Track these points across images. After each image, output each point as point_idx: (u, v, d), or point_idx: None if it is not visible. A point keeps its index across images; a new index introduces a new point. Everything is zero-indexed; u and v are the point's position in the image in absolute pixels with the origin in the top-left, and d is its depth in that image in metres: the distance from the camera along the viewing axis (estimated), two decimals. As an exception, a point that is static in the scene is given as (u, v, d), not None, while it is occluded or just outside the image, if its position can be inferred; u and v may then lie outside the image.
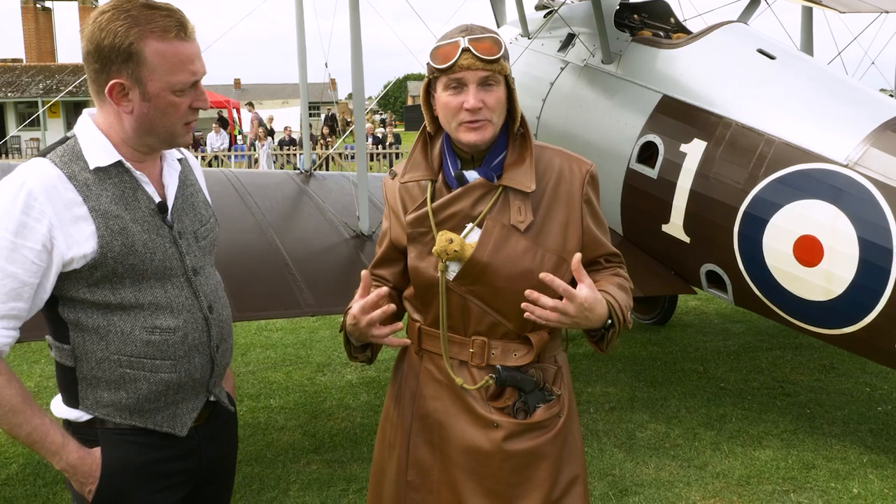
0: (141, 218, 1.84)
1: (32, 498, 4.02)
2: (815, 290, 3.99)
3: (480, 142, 1.98)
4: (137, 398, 1.85)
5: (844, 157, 3.93)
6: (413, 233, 2.07)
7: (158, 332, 1.84)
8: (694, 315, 7.39)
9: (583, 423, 4.75)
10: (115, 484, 1.85)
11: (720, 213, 4.36)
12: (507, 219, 2.01)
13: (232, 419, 2.14)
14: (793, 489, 3.99)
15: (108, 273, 1.79)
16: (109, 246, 1.78)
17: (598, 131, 5.15)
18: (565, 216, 2.05)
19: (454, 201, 2.04)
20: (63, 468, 1.83)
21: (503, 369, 2.04)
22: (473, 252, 2.00)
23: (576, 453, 2.14)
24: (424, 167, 2.10)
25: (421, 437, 2.14)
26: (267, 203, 4.51)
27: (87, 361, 1.83)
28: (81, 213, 1.77)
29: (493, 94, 1.94)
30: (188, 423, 1.94)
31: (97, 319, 1.81)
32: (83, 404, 1.85)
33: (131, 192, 1.85)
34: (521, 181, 2.01)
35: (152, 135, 1.85)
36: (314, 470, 4.29)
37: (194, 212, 1.98)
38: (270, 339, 6.92)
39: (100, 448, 1.85)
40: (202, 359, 1.92)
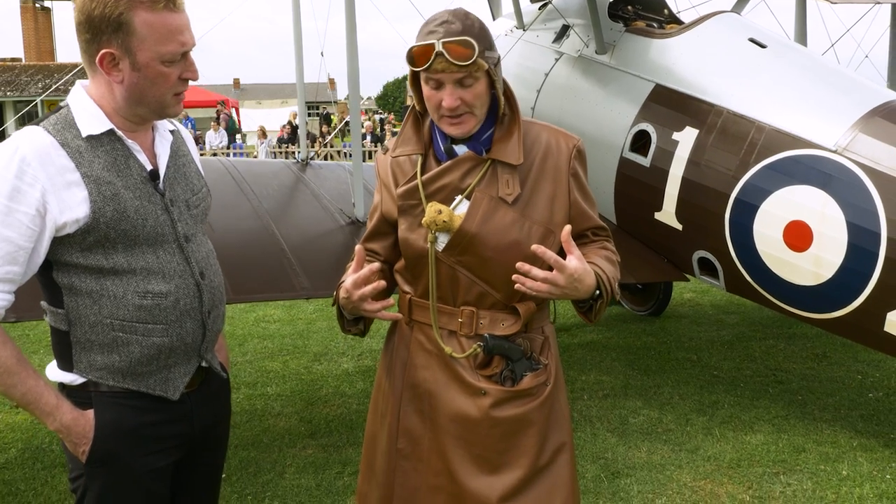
0: (133, 185, 1.89)
1: (31, 481, 4.06)
2: (805, 275, 4.04)
3: (462, 134, 2.04)
4: (130, 361, 1.89)
5: (833, 143, 3.98)
6: (403, 205, 2.12)
7: (150, 297, 1.89)
8: (689, 307, 7.44)
9: (576, 410, 4.83)
10: (108, 445, 1.89)
11: (712, 200, 4.41)
12: (496, 191, 2.05)
13: (225, 386, 2.18)
14: (783, 471, 4.03)
15: (100, 238, 1.84)
16: (101, 211, 1.82)
17: (591, 121, 5.19)
18: (552, 189, 2.10)
19: (443, 174, 2.08)
20: (57, 429, 1.87)
21: (491, 338, 2.09)
22: (462, 223, 2.04)
23: (563, 421, 2.19)
24: (415, 142, 2.14)
25: (411, 405, 2.18)
26: (263, 190, 4.55)
27: (80, 325, 1.87)
28: (74, 178, 1.81)
29: (471, 91, 1.97)
30: (180, 387, 1.98)
31: (90, 284, 1.85)
32: (77, 367, 1.90)
33: (123, 159, 1.89)
34: (509, 154, 2.06)
35: (143, 104, 1.89)
36: (310, 454, 4.33)
37: (186, 181, 2.03)
38: (268, 329, 6.96)
39: (93, 410, 1.90)
40: (194, 324, 1.97)
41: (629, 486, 3.89)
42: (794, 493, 3.81)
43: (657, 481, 3.94)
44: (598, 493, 3.82)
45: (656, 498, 3.78)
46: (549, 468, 2.14)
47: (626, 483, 3.92)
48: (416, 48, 1.96)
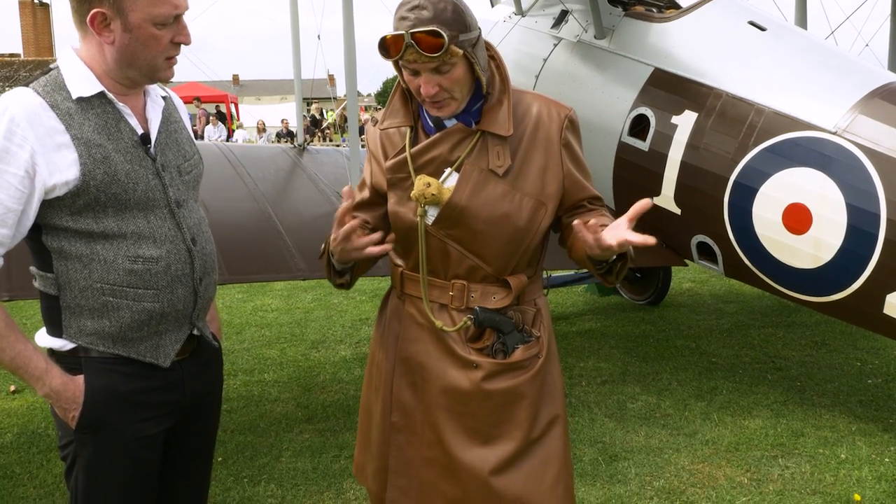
0: (123, 148, 1.86)
1: (27, 464, 4.04)
2: (804, 258, 4.02)
3: (445, 117, 2.02)
4: (120, 327, 1.87)
5: (833, 125, 3.95)
6: (392, 178, 2.09)
7: (141, 262, 1.87)
8: (687, 296, 7.42)
9: (574, 396, 4.81)
10: (98, 411, 1.87)
11: (711, 184, 4.38)
12: (486, 163, 2.02)
13: (217, 356, 2.16)
14: (781, 455, 4.01)
15: (90, 201, 1.81)
16: (92, 174, 1.80)
17: (590, 106, 5.16)
18: (544, 160, 2.06)
19: (432, 146, 2.05)
20: (46, 394, 1.86)
21: (481, 311, 2.07)
22: (451, 196, 2.02)
23: (556, 394, 2.17)
24: (404, 114, 2.11)
25: (404, 379, 2.17)
26: (260, 174, 4.54)
27: (70, 290, 1.85)
28: (63, 140, 1.79)
29: (448, 77, 1.94)
30: (171, 354, 1.96)
31: (80, 248, 1.84)
32: (67, 333, 1.88)
33: (114, 122, 1.87)
34: (499, 125, 2.02)
35: (133, 67, 1.87)
36: (306, 438, 4.32)
37: (178, 147, 2.01)
38: (266, 318, 6.95)
39: (83, 375, 1.88)
40: (185, 290, 1.95)
41: (627, 469, 3.87)
42: (793, 475, 3.80)
43: (655, 464, 3.92)
44: (595, 476, 3.80)
45: (654, 480, 3.76)
46: (541, 440, 2.12)
47: (624, 466, 3.91)
48: (387, 38, 1.90)
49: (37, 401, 4.94)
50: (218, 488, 3.71)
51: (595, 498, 3.59)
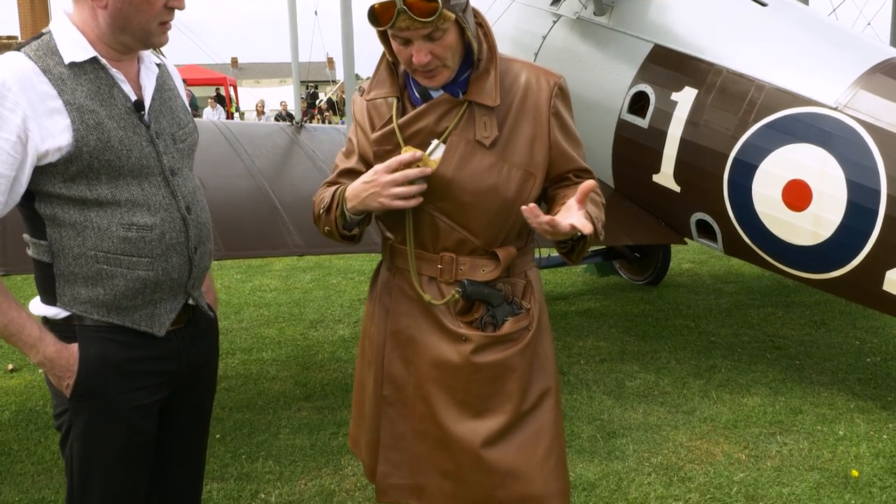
0: (117, 115, 1.84)
1: (24, 441, 4.04)
2: (804, 235, 4.00)
3: (436, 86, 1.97)
4: (115, 295, 1.86)
5: (834, 101, 3.93)
6: (379, 150, 2.05)
7: (135, 230, 1.85)
8: (687, 276, 7.41)
9: (573, 374, 4.81)
10: (92, 379, 1.86)
11: (710, 161, 4.36)
12: (472, 134, 1.98)
13: (213, 326, 2.15)
14: (779, 432, 4.01)
15: (83, 168, 1.79)
16: (85, 140, 1.78)
17: (590, 84, 5.13)
18: (532, 130, 2.02)
19: (419, 118, 2.02)
20: (40, 361, 1.84)
21: (469, 283, 2.04)
22: (437, 168, 1.98)
23: (547, 366, 2.15)
24: (390, 84, 2.07)
25: (395, 352, 2.15)
26: (257, 151, 4.51)
27: (63, 257, 1.83)
28: (56, 105, 1.76)
29: (441, 44, 1.89)
30: (166, 323, 1.94)
31: (74, 215, 1.82)
32: (61, 301, 1.86)
33: (107, 88, 1.84)
34: (486, 96, 1.98)
35: (127, 32, 1.83)
36: (304, 416, 4.31)
37: (172, 115, 1.98)
38: (264, 298, 6.94)
39: (77, 343, 1.86)
40: (180, 259, 1.93)
41: (625, 446, 3.87)
42: (791, 452, 3.80)
43: (653, 441, 3.92)
44: (593, 453, 3.80)
45: (652, 457, 3.76)
46: (533, 413, 2.11)
47: (622, 443, 3.91)
48: (376, 6, 1.85)
49: (34, 379, 4.94)
50: (216, 464, 3.71)
51: (593, 474, 3.59)
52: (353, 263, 8.10)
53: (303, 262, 8.19)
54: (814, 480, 3.52)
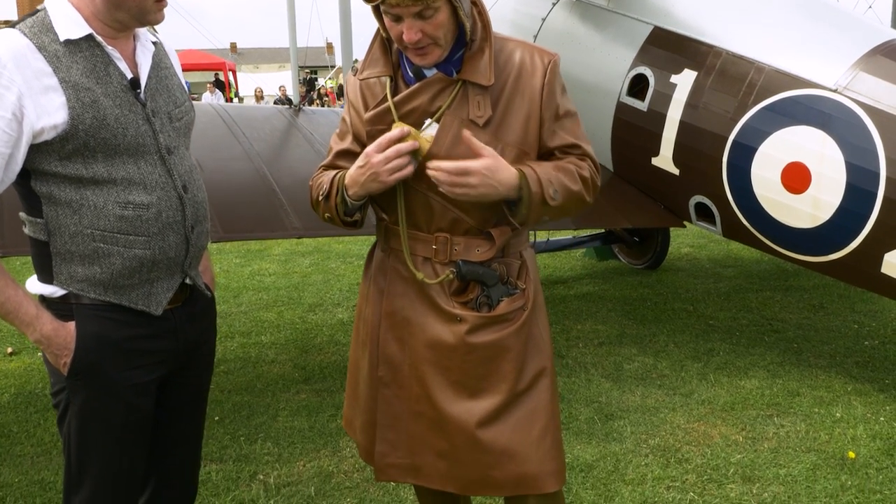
0: (113, 93, 1.83)
1: (24, 423, 4.05)
2: (803, 218, 4.00)
3: (428, 65, 1.96)
4: (111, 273, 1.85)
5: (834, 83, 3.91)
6: (372, 130, 2.04)
7: (132, 208, 1.84)
8: (686, 260, 7.41)
9: (571, 357, 4.82)
10: (90, 357, 1.86)
11: (709, 144, 4.35)
12: (466, 113, 1.97)
13: (210, 306, 2.15)
14: (776, 414, 4.03)
15: (79, 146, 1.78)
16: (80, 118, 1.77)
17: (589, 67, 5.11)
18: (526, 109, 2.01)
19: (412, 97, 2.00)
20: (37, 340, 1.84)
21: (463, 263, 2.04)
22: (430, 147, 1.97)
23: (542, 346, 2.15)
24: (383, 63, 2.05)
25: (390, 333, 2.14)
26: (255, 133, 4.49)
27: (60, 236, 1.83)
28: (51, 83, 1.75)
29: (432, 22, 1.87)
30: (163, 302, 1.94)
31: (70, 193, 1.81)
32: (57, 279, 1.86)
33: (103, 66, 1.83)
34: (480, 75, 1.97)
35: (122, 9, 1.82)
36: (303, 398, 4.33)
37: (168, 93, 1.97)
38: (263, 282, 6.94)
39: (74, 322, 1.86)
40: (177, 237, 1.92)
41: (622, 428, 3.88)
42: (788, 434, 3.81)
43: (650, 423, 3.94)
44: (591, 434, 3.82)
45: (649, 438, 3.77)
46: (528, 393, 2.10)
47: (620, 425, 3.92)
48: None
49: (33, 362, 4.95)
50: (215, 446, 3.73)
51: (590, 455, 3.60)
52: (352, 248, 8.10)
53: (302, 246, 8.19)
54: (810, 462, 3.53)
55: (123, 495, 2.01)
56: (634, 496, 3.27)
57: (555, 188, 1.98)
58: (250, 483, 3.42)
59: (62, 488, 2.16)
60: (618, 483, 3.37)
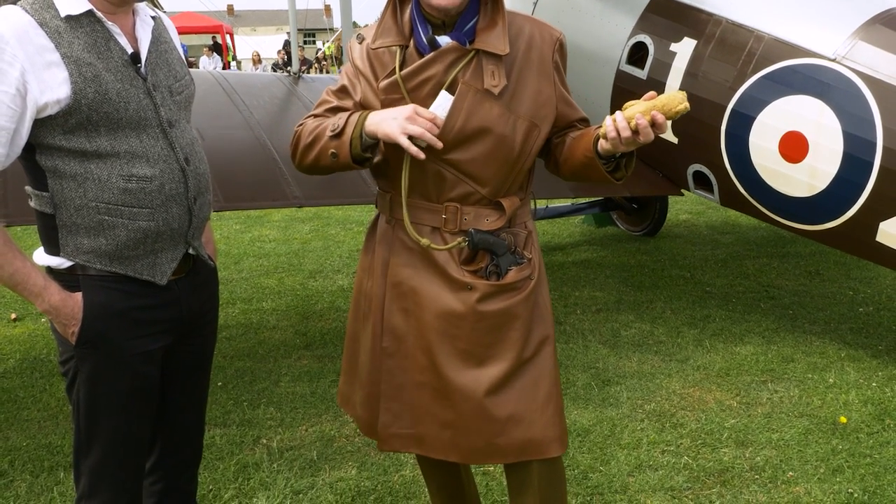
0: (114, 67, 1.85)
1: (30, 388, 4.11)
2: (800, 187, 4.03)
3: (451, 6, 1.95)
4: (116, 245, 1.89)
5: (832, 52, 3.92)
6: (386, 99, 2.04)
7: (135, 181, 1.88)
8: (684, 227, 7.45)
9: (568, 324, 4.87)
10: (97, 326, 1.90)
11: (708, 113, 4.36)
12: (481, 83, 2.00)
13: (213, 275, 2.19)
14: (770, 380, 4.09)
15: (82, 120, 1.81)
16: (83, 92, 1.79)
17: (588, 34, 5.10)
18: (537, 82, 2.05)
19: (426, 66, 2.01)
20: (46, 309, 1.88)
21: (475, 233, 2.07)
22: (447, 117, 1.99)
23: (545, 314, 2.19)
24: (395, 32, 2.06)
25: (395, 304, 2.17)
26: (255, 101, 4.49)
27: (65, 208, 1.86)
28: (54, 58, 1.78)
29: None
30: (168, 272, 1.98)
31: (74, 167, 1.84)
32: (64, 251, 1.90)
33: (104, 41, 1.85)
34: (495, 44, 1.99)
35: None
36: (305, 364, 4.39)
37: (168, 67, 1.99)
38: (264, 248, 6.98)
39: (81, 292, 1.90)
40: (180, 209, 1.96)
41: (619, 393, 3.95)
42: (781, 399, 3.88)
43: (646, 388, 4.00)
44: (588, 400, 3.88)
45: (645, 404, 3.84)
46: (533, 360, 2.15)
47: (616, 390, 3.98)
48: None
49: (38, 328, 5.01)
50: (218, 411, 3.79)
51: (587, 420, 3.67)
52: (352, 214, 8.13)
53: (301, 212, 8.21)
54: (803, 427, 3.60)
55: (131, 459, 2.07)
56: (630, 460, 3.34)
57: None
58: (254, 447, 3.49)
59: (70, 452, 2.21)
60: (613, 447, 3.45)
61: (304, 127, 2.15)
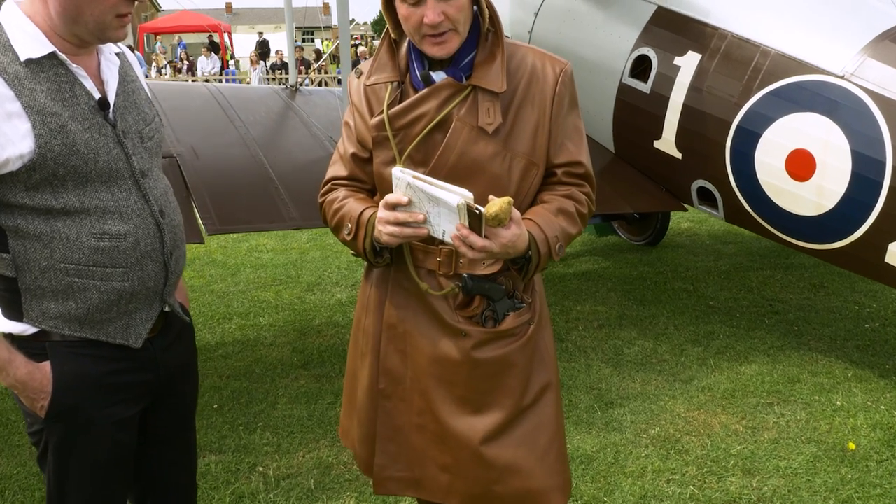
0: (81, 115, 1.70)
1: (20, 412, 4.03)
2: (807, 205, 3.95)
3: (445, 55, 1.89)
4: (88, 308, 1.75)
5: (841, 69, 3.84)
6: (378, 136, 1.98)
7: (108, 239, 1.73)
8: (686, 236, 7.37)
9: (570, 340, 4.80)
10: (69, 398, 1.76)
11: (713, 128, 4.28)
12: (476, 120, 1.92)
13: (187, 329, 2.06)
14: (776, 402, 4.02)
15: (48, 175, 1.66)
16: (48, 145, 1.64)
17: (591, 45, 5.02)
18: (536, 118, 1.96)
19: (419, 103, 1.94)
20: (11, 385, 1.73)
21: (470, 278, 1.99)
22: (439, 155, 1.92)
23: (548, 360, 2.12)
24: (391, 68, 1.99)
25: (391, 345, 2.10)
26: (251, 117, 4.40)
27: (29, 271, 1.71)
28: (14, 109, 1.62)
29: (453, 4, 1.81)
30: (143, 333, 1.85)
31: (39, 226, 1.69)
32: (28, 317, 1.74)
33: (68, 86, 1.70)
34: (492, 81, 1.91)
35: (79, 24, 1.68)
36: (302, 384, 4.31)
37: (137, 110, 1.85)
38: (261, 259, 6.90)
39: (49, 362, 1.76)
40: (156, 266, 1.83)
41: (622, 417, 3.87)
42: (788, 423, 3.80)
43: (651, 412, 3.93)
44: (591, 424, 3.81)
45: (649, 428, 3.77)
46: (533, 407, 2.08)
47: (620, 413, 3.91)
48: None
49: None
50: (214, 436, 3.72)
51: (590, 446, 3.60)
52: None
53: (300, 220, 8.12)
54: (811, 453, 3.53)
55: None
56: (635, 490, 3.27)
57: (560, 243, 1.96)
58: (249, 475, 3.41)
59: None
60: (618, 476, 3.37)
61: (325, 201, 2.10)
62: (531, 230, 1.90)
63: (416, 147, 1.96)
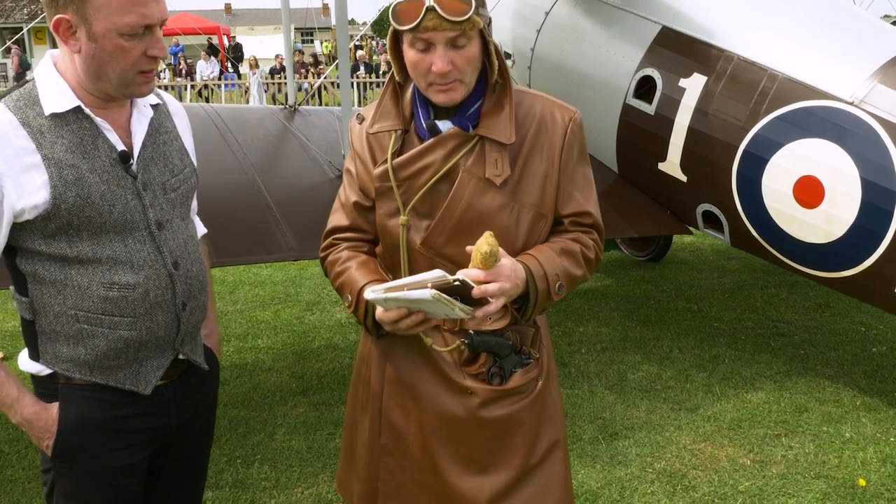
0: (100, 168, 1.73)
1: (15, 443, 3.96)
2: (815, 233, 3.88)
3: (451, 103, 1.83)
4: (96, 355, 1.79)
5: (850, 95, 3.76)
6: (382, 187, 1.92)
7: (117, 289, 1.76)
8: (689, 252, 7.29)
9: (573, 365, 4.72)
10: (74, 440, 1.80)
11: (719, 152, 4.21)
12: (483, 172, 1.85)
13: (209, 379, 2.05)
14: (784, 433, 3.94)
15: (63, 225, 1.70)
16: (63, 197, 1.68)
17: (594, 64, 4.95)
18: (545, 168, 1.89)
19: (425, 153, 1.88)
20: (19, 422, 1.79)
21: (476, 334, 1.91)
22: (445, 207, 1.86)
23: (555, 417, 2.05)
24: (395, 116, 1.92)
25: (393, 400, 2.03)
26: (248, 141, 4.32)
27: (45, 315, 1.77)
28: (33, 161, 1.67)
29: (463, 54, 1.75)
30: (153, 381, 1.86)
31: (54, 272, 1.74)
32: (43, 358, 1.80)
33: (90, 139, 1.73)
34: (500, 131, 1.85)
35: (103, 80, 1.72)
36: (301, 413, 4.24)
37: (165, 161, 1.86)
38: (259, 276, 6.83)
39: (57, 403, 1.80)
40: (166, 317, 1.83)
41: (627, 449, 3.80)
42: (796, 456, 3.73)
43: (656, 443, 3.85)
44: (595, 457, 3.73)
45: (655, 462, 3.69)
46: (540, 466, 2.01)
47: (625, 445, 3.83)
48: (402, 4, 1.72)
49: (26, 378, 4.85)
50: (211, 470, 3.60)
51: (595, 481, 3.52)
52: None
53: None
54: (820, 490, 3.45)
55: None
56: (640, 530, 3.20)
57: (560, 282, 1.88)
58: (247, 514, 3.34)
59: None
60: (623, 514, 3.30)
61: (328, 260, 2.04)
62: (529, 264, 1.84)
63: (421, 199, 1.89)
